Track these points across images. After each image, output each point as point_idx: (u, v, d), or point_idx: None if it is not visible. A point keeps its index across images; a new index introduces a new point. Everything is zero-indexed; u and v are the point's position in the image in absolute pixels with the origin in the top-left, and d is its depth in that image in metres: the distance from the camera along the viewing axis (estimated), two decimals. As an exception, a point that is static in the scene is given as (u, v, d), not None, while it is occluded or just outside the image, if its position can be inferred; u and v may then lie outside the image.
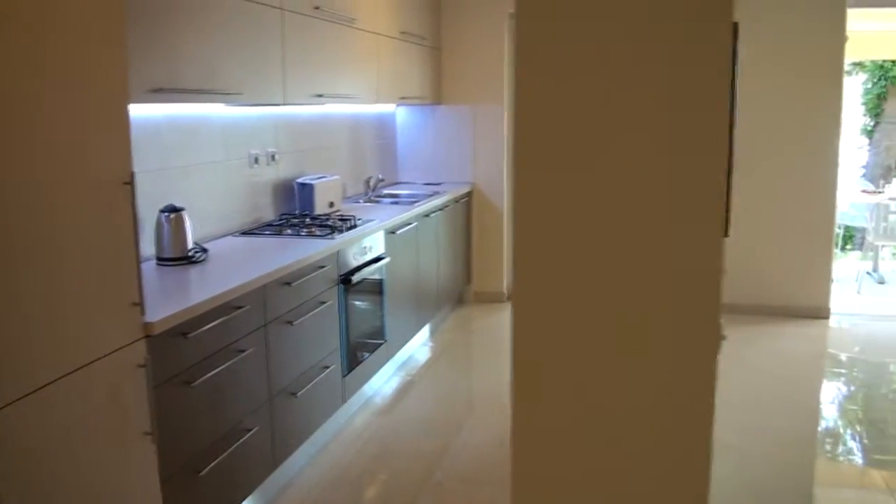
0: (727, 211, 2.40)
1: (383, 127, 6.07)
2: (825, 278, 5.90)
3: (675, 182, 1.17)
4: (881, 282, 7.39)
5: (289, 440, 3.37)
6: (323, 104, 4.41)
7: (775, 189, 5.79)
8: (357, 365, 4.07)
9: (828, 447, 4.00)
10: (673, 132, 1.20)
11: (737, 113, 2.40)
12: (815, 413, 4.41)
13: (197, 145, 3.71)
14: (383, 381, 4.62)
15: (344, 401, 3.94)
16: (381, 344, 4.40)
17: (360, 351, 4.11)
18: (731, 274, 5.30)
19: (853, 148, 13.57)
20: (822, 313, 5.90)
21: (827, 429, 4.22)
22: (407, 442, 3.92)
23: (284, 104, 3.86)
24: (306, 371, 3.48)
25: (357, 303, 4.04)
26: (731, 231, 2.49)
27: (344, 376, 3.91)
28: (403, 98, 5.50)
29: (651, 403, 1.22)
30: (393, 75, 5.22)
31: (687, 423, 1.22)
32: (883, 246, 7.71)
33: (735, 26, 2.37)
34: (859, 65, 13.14)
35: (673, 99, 1.21)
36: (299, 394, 3.39)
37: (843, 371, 5.17)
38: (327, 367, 3.68)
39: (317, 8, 4.03)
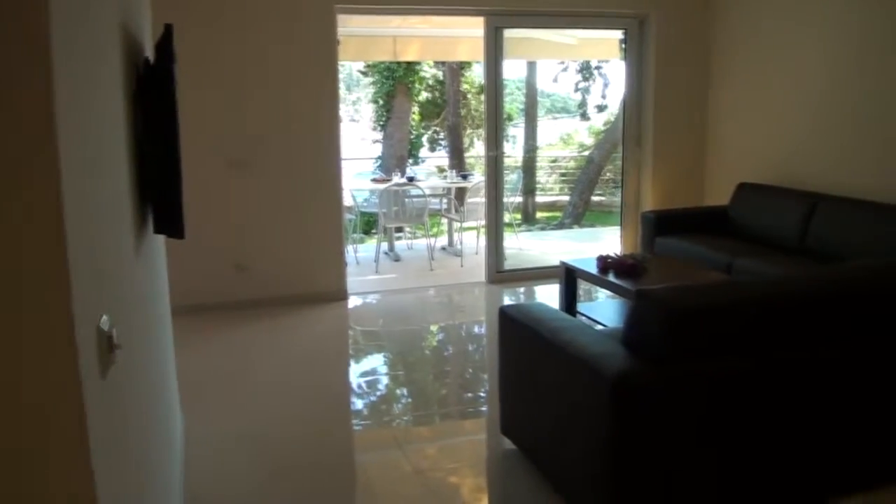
0: (180, 215, 2.43)
1: None
2: (340, 263, 6.34)
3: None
4: (397, 259, 8.17)
5: None
6: None
7: (287, 187, 6.04)
8: None
9: (352, 417, 4.28)
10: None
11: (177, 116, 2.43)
12: (338, 388, 4.69)
13: None
14: None
15: None
16: None
17: None
18: (254, 270, 5.38)
19: (370, 141, 14.85)
20: (341, 295, 6.34)
21: (350, 399, 4.51)
22: None
23: None
24: None
25: None
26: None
27: None
28: None
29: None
30: None
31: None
32: (396, 227, 8.51)
33: (169, 27, 2.39)
34: (372, 66, 14.33)
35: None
36: None
37: (366, 344, 5.60)
38: None
39: None
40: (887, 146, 5.32)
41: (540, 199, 14.34)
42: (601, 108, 15.47)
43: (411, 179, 8.34)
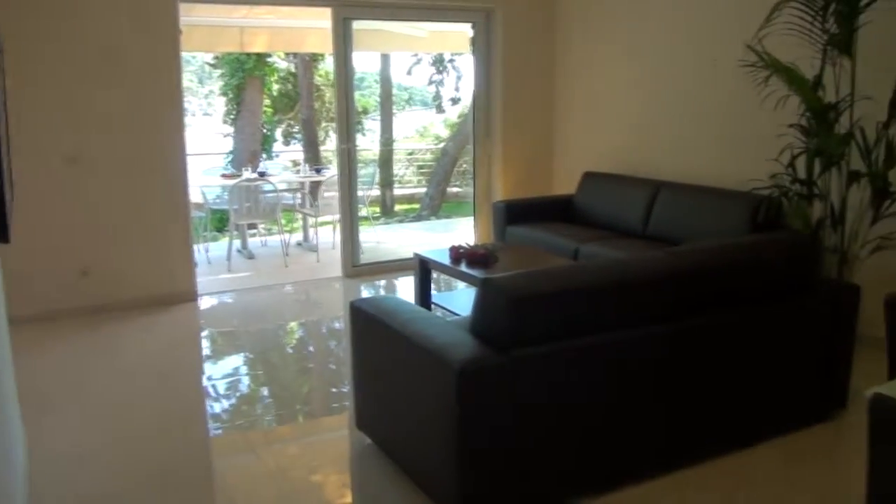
0: (3, 217, 2.30)
1: None
2: (188, 262, 6.15)
3: None
4: (251, 257, 8.01)
5: None
6: None
7: (130, 185, 5.77)
8: None
9: (209, 421, 4.14)
10: None
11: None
12: (192, 392, 4.54)
13: None
14: None
15: None
16: None
17: None
18: (99, 273, 5.12)
19: (222, 136, 14.43)
20: (190, 296, 6.15)
21: (206, 403, 4.37)
22: None
23: None
24: None
25: None
26: (13, 237, 2.40)
27: None
28: None
29: None
30: None
31: None
32: (249, 224, 8.33)
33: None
34: (221, 58, 13.92)
35: None
36: None
37: (222, 345, 5.43)
38: None
39: None
40: (721, 134, 5.68)
41: (398, 191, 14.41)
42: (455, 101, 15.65)
43: (263, 174, 8.19)
